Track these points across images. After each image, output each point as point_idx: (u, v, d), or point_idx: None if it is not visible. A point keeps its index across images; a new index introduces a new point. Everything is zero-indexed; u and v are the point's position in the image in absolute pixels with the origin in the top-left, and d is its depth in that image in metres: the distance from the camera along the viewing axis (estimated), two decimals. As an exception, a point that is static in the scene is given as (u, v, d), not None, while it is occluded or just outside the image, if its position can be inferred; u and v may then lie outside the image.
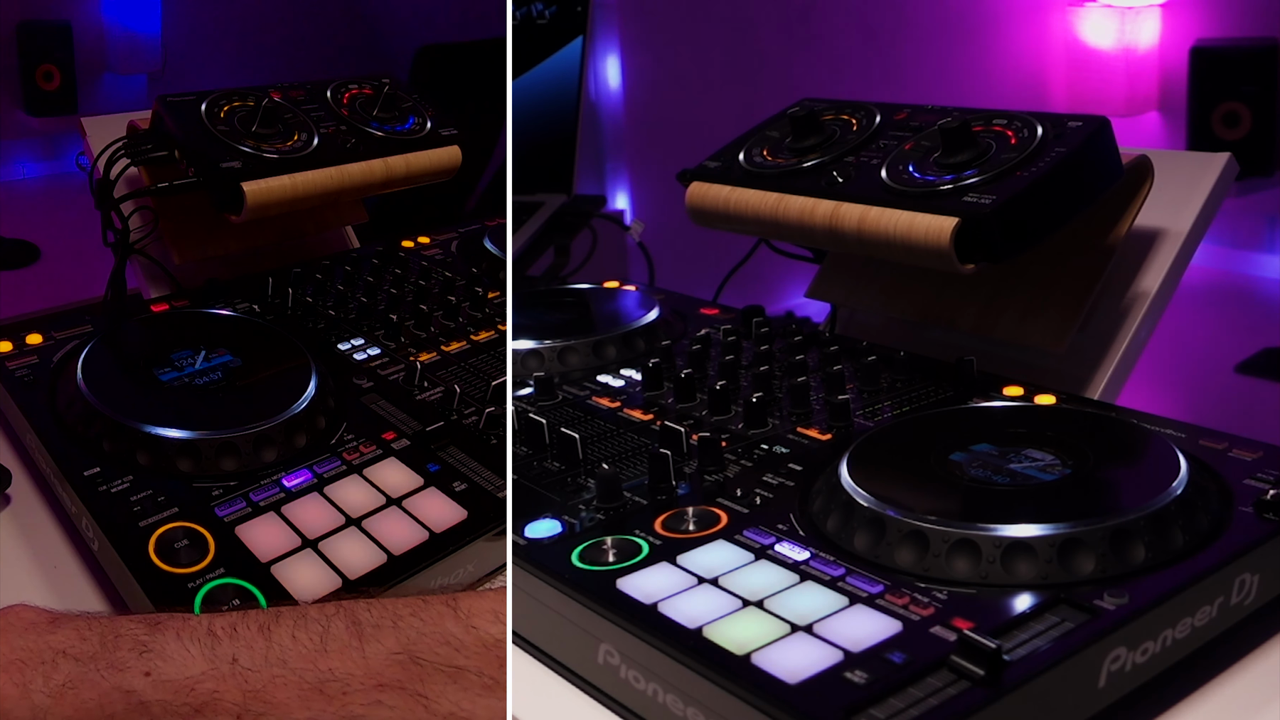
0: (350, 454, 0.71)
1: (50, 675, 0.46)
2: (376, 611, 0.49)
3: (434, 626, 0.48)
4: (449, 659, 0.47)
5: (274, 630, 0.48)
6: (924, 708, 0.43)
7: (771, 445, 0.70)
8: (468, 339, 0.89)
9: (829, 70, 2.76)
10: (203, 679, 0.46)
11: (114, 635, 0.48)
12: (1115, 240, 0.81)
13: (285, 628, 0.48)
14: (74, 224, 2.53)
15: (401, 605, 0.50)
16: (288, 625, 0.48)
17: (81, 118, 1.03)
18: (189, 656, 0.46)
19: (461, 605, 0.49)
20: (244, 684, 0.46)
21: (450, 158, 1.05)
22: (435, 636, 0.48)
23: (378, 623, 0.48)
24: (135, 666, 0.46)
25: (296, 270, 1.00)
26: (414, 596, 0.51)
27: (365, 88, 1.06)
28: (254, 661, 0.46)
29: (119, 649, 0.47)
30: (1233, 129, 2.86)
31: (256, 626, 0.48)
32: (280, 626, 0.48)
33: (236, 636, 0.47)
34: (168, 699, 0.45)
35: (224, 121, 0.93)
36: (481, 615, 0.49)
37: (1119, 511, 0.54)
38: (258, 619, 0.49)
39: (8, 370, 0.80)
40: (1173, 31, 3.05)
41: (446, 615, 0.49)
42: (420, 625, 0.48)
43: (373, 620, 0.48)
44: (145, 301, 0.95)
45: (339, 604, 0.50)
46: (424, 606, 0.49)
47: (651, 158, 2.70)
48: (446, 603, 0.50)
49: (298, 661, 0.46)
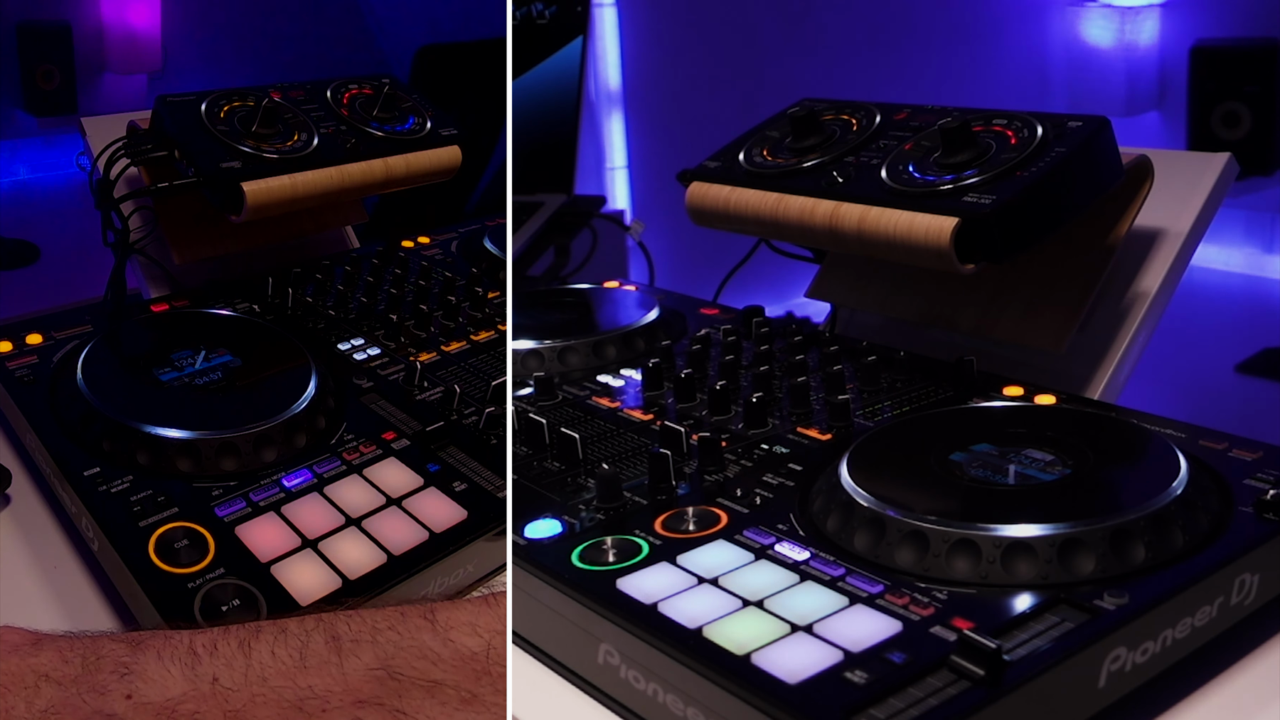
0: (350, 454, 0.71)
1: (32, 700, 0.46)
2: (355, 625, 0.49)
3: (411, 640, 0.48)
4: (426, 673, 0.47)
5: (254, 647, 0.48)
6: (924, 708, 0.43)
7: (771, 445, 0.70)
8: (468, 339, 0.89)
9: (829, 70, 2.76)
10: (184, 700, 0.45)
11: (95, 657, 0.47)
12: (1115, 240, 0.81)
13: (265, 644, 0.48)
14: (74, 224, 2.54)
15: (380, 618, 0.49)
16: (267, 641, 0.48)
17: (81, 118, 1.03)
18: (170, 677, 0.46)
19: (439, 617, 0.49)
20: (224, 704, 0.45)
21: (450, 158, 1.05)
22: (412, 650, 0.47)
23: (356, 637, 0.48)
24: (116, 689, 0.46)
25: (296, 270, 1.00)
26: (393, 608, 0.50)
27: (365, 88, 1.06)
28: (234, 680, 0.46)
29: (100, 671, 0.47)
30: (1233, 129, 2.86)
31: (237, 643, 0.48)
32: (260, 642, 0.48)
33: (217, 655, 0.47)
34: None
35: (224, 121, 0.94)
36: (458, 628, 0.48)
37: (1119, 511, 0.54)
38: (238, 635, 0.48)
39: (8, 370, 0.80)
40: (1173, 31, 3.05)
41: (424, 628, 0.48)
42: (398, 639, 0.48)
43: (351, 634, 0.48)
44: (145, 301, 0.95)
45: (319, 617, 0.50)
46: (401, 619, 0.49)
47: (651, 158, 2.70)
48: (424, 615, 0.49)
49: (277, 679, 0.46)
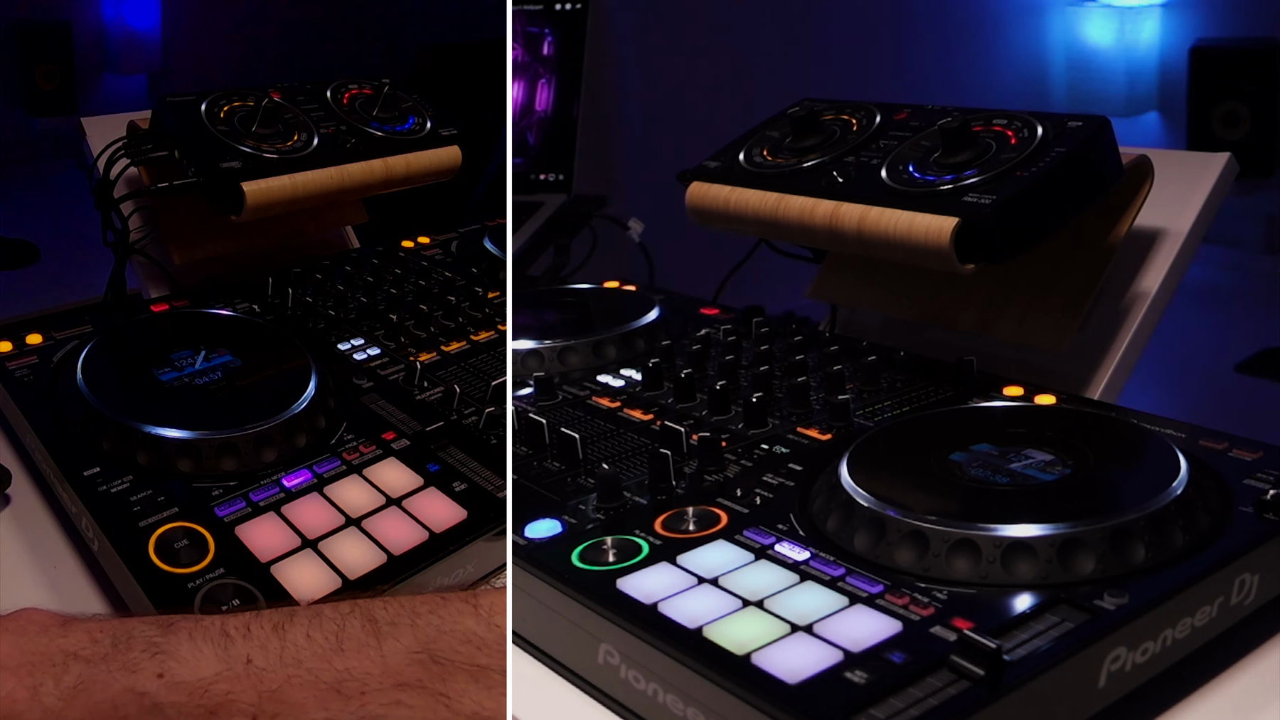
0: (350, 454, 0.71)
1: (61, 677, 0.45)
2: (393, 609, 0.48)
3: (454, 624, 0.47)
4: (471, 657, 0.46)
5: (288, 630, 0.47)
6: (924, 708, 0.43)
7: (771, 445, 0.70)
8: (468, 339, 0.89)
9: (829, 70, 2.76)
10: (217, 680, 0.45)
11: (126, 637, 0.47)
12: (1115, 240, 0.81)
13: (300, 627, 0.47)
14: (74, 224, 2.54)
15: (419, 603, 0.49)
16: (302, 624, 0.47)
17: (81, 118, 1.03)
18: (202, 657, 0.46)
19: (482, 603, 0.49)
20: (259, 684, 0.45)
21: (450, 158, 1.05)
22: (455, 635, 0.47)
23: (395, 620, 0.48)
24: (148, 668, 0.46)
25: (296, 270, 1.00)
26: (432, 594, 0.50)
27: (365, 88, 1.06)
28: (268, 661, 0.46)
29: (131, 650, 0.46)
30: (1233, 129, 2.86)
31: (271, 626, 0.47)
32: (295, 626, 0.47)
33: (250, 636, 0.47)
34: (181, 700, 0.45)
35: (224, 121, 0.94)
36: (503, 612, 0.48)
37: (1119, 511, 0.54)
38: (272, 619, 0.48)
39: (8, 370, 0.80)
40: (1173, 31, 3.05)
41: (467, 613, 0.48)
42: (439, 623, 0.48)
43: (389, 618, 0.48)
44: (145, 301, 0.95)
45: (354, 602, 0.49)
46: (442, 604, 0.49)
47: (651, 158, 2.70)
48: (466, 600, 0.49)
49: (313, 661, 0.46)
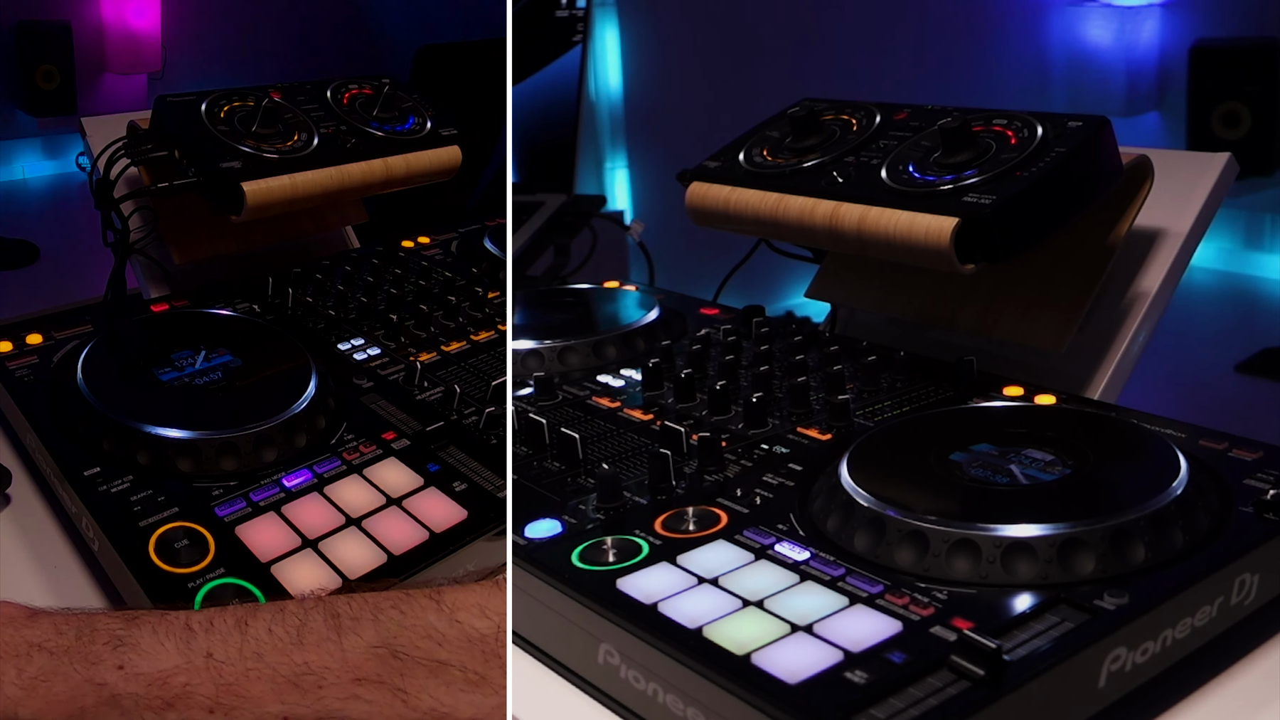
0: (350, 454, 0.71)
1: (23, 668, 0.46)
2: (356, 605, 0.48)
3: (416, 620, 0.47)
4: (430, 653, 0.46)
5: (250, 624, 0.47)
6: (924, 708, 0.43)
7: (771, 445, 0.70)
8: (468, 339, 0.89)
9: (829, 70, 2.76)
10: (175, 672, 0.46)
11: (90, 629, 0.48)
12: (1115, 240, 0.81)
13: (262, 622, 0.48)
14: (74, 224, 2.54)
15: (383, 599, 0.49)
16: (265, 619, 0.48)
17: (81, 118, 1.03)
18: (163, 650, 0.46)
19: (445, 598, 0.49)
20: (217, 677, 0.45)
21: (450, 158, 1.05)
22: (417, 630, 0.47)
23: (357, 615, 0.48)
24: (108, 660, 0.46)
25: (296, 270, 1.00)
26: (396, 590, 0.50)
27: (365, 88, 1.06)
28: (228, 655, 0.46)
29: (94, 643, 0.47)
30: (1233, 129, 2.86)
31: (233, 621, 0.48)
32: (257, 620, 0.48)
33: (212, 630, 0.47)
34: (139, 692, 0.45)
35: (224, 121, 0.94)
36: (467, 609, 0.48)
37: (1119, 511, 0.54)
38: (235, 613, 0.48)
39: (8, 370, 0.80)
40: (1172, 31, 3.05)
41: (429, 608, 0.48)
42: (401, 618, 0.48)
43: (352, 613, 0.48)
44: (145, 301, 0.95)
45: (319, 598, 0.50)
46: (406, 600, 0.49)
47: (651, 158, 2.70)
48: (430, 596, 0.49)
49: (273, 655, 0.46)
